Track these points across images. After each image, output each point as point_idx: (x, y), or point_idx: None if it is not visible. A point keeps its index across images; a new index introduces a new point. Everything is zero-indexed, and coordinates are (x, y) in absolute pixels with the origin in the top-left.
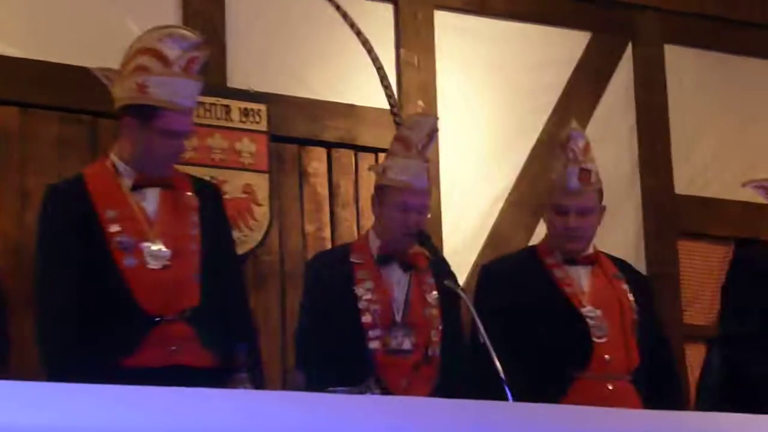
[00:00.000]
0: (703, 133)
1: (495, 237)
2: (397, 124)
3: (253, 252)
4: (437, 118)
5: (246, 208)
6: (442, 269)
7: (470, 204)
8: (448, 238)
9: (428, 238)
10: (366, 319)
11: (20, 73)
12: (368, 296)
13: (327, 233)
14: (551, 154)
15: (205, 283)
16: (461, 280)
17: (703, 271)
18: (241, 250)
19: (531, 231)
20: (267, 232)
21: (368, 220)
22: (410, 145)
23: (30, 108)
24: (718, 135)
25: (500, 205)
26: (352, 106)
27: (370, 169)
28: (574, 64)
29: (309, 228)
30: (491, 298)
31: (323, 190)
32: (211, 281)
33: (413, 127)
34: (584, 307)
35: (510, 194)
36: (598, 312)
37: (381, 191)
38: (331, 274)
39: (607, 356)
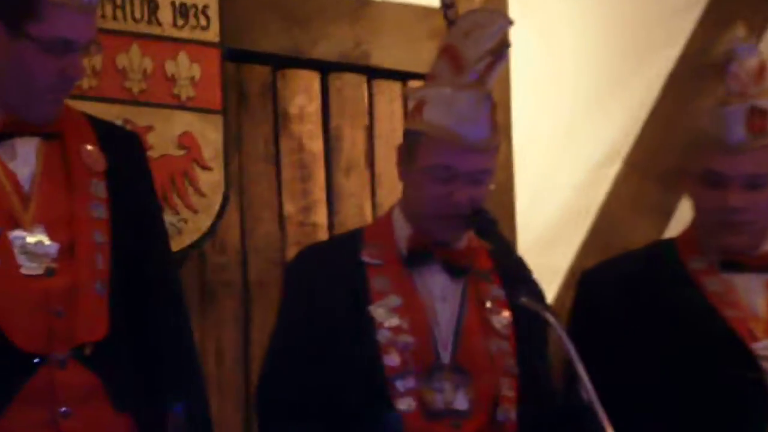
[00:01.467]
0: None
1: (601, 226)
2: (449, 22)
3: (197, 247)
4: (511, 21)
5: (184, 173)
6: (517, 275)
7: (558, 172)
8: (525, 226)
9: (492, 223)
10: (390, 359)
11: None
12: (393, 322)
13: (321, 215)
14: (696, 87)
15: (115, 300)
16: (548, 294)
17: None
18: (176, 245)
19: (663, 214)
20: (220, 215)
21: (390, 193)
22: (462, 65)
23: None
24: None
25: (608, 172)
26: (363, 1)
27: (406, 96)
28: None
29: (290, 208)
30: (599, 327)
31: (314, 144)
32: (128, 296)
33: (471, 32)
34: (758, 341)
35: (626, 157)
36: None
37: (414, 142)
38: (330, 283)
39: None
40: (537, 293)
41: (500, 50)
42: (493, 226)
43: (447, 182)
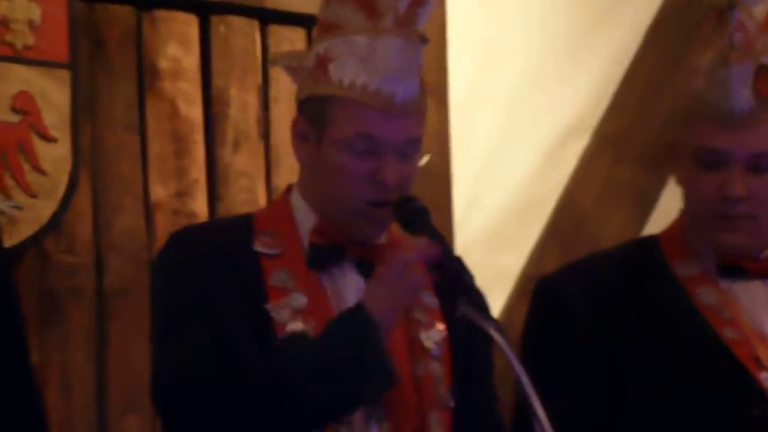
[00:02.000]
0: None
1: (562, 220)
2: None
3: (36, 243)
4: None
5: (18, 145)
6: (454, 279)
7: (507, 152)
8: (465, 220)
9: (423, 212)
10: None
11: None
12: (296, 326)
13: (200, 202)
14: (685, 40)
15: None
16: (494, 306)
17: None
18: (9, 239)
19: (642, 204)
20: (66, 201)
21: (291, 172)
22: (376, 6)
23: None
24: None
25: (571, 151)
26: None
27: (283, 60)
28: None
29: (160, 192)
30: (561, 348)
31: (192, 109)
32: None
33: None
34: (765, 370)
35: (595, 131)
36: None
37: (318, 111)
38: (217, 274)
39: None
40: (479, 303)
41: None
42: (423, 217)
43: (368, 157)
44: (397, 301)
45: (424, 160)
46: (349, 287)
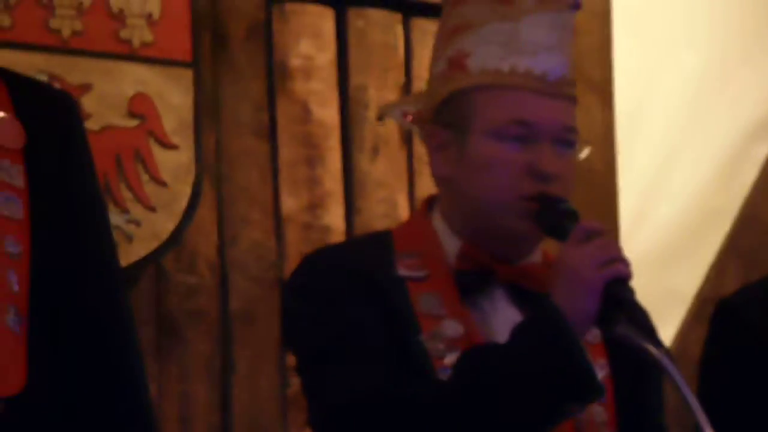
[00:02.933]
0: None
1: (742, 234)
2: None
3: (156, 261)
4: None
5: (136, 153)
6: (611, 296)
7: (678, 160)
8: (632, 234)
9: (573, 216)
10: None
11: None
12: (454, 357)
13: (335, 216)
14: None
15: (36, 338)
16: (666, 332)
17: None
18: (125, 258)
19: None
20: (188, 215)
21: (432, 181)
22: None
23: None
24: None
25: (752, 157)
26: None
27: (395, 108)
28: None
29: (291, 204)
30: (749, 378)
31: (326, 112)
32: (54, 333)
33: None
34: None
35: None
36: None
37: (459, 111)
38: (359, 300)
39: None
40: (643, 323)
41: None
42: (574, 221)
43: (522, 146)
44: (591, 297)
45: (585, 152)
46: (500, 315)
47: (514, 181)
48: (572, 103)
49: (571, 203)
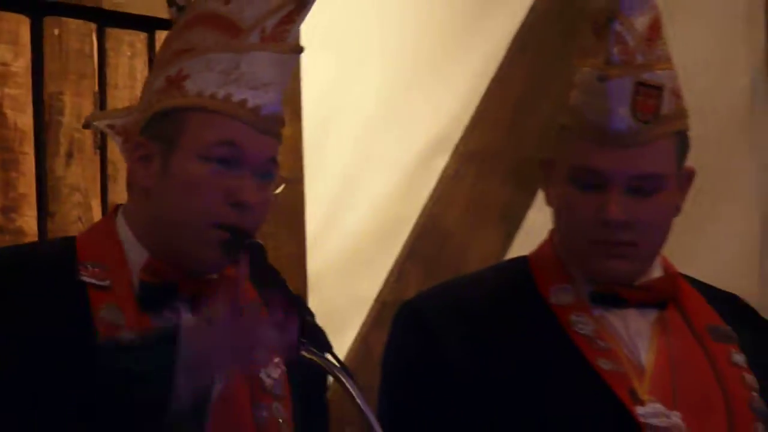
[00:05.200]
0: None
1: (422, 241)
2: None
3: None
4: None
5: None
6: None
7: (363, 173)
8: (319, 242)
9: (260, 248)
10: None
11: None
12: None
13: (29, 219)
14: (556, 52)
15: None
16: (342, 340)
17: None
18: None
19: (509, 223)
20: None
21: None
22: (239, 27)
23: None
24: None
25: (432, 169)
26: None
27: (104, 118)
28: None
29: None
30: (426, 380)
31: (21, 117)
32: None
33: None
34: (642, 405)
35: (457, 148)
36: (674, 417)
37: (168, 124)
38: (37, 308)
39: None
40: (323, 343)
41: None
42: (260, 254)
43: (228, 170)
44: (229, 345)
45: (280, 189)
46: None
47: (211, 205)
48: (278, 141)
49: (258, 237)
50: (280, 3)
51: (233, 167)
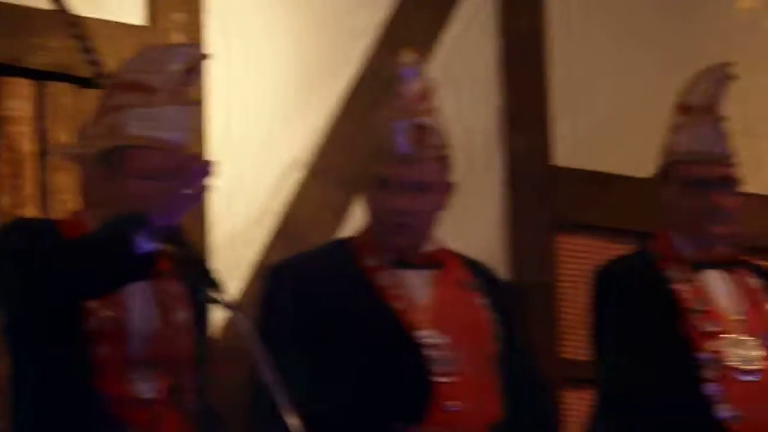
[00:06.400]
0: (596, 78)
1: (288, 224)
2: (98, 77)
3: None
4: (200, 50)
5: None
6: (196, 272)
7: (250, 174)
8: (217, 224)
9: (178, 231)
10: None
11: None
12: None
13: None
14: (373, 104)
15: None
16: (236, 286)
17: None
18: None
19: (342, 215)
20: None
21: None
22: (153, 87)
23: None
24: (617, 83)
25: (296, 176)
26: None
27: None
28: None
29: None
30: (280, 317)
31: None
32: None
33: (146, 68)
34: (421, 330)
35: (312, 162)
36: (443, 338)
37: (116, 157)
38: None
39: (452, 404)
40: (215, 286)
41: (193, 68)
42: (179, 235)
43: (160, 182)
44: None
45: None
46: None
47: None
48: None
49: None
50: (180, 69)
51: (162, 179)
